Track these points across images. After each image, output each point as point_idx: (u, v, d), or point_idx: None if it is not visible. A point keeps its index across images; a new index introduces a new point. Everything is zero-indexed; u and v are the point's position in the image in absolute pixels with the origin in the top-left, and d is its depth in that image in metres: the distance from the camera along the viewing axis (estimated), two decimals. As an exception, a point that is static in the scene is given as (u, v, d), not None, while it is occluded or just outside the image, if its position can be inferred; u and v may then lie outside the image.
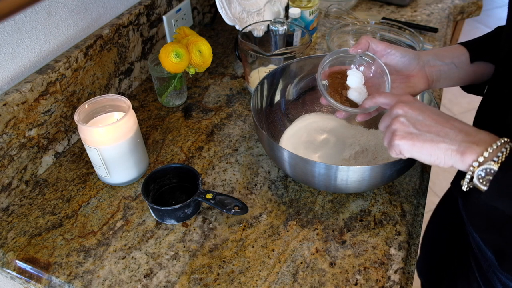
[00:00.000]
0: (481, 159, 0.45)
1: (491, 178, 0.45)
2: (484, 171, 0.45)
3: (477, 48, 0.64)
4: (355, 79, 0.64)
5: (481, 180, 0.45)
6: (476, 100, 0.63)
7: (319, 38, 1.12)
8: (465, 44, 0.65)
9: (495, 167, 0.44)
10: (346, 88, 0.64)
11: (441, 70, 0.64)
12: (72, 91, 0.78)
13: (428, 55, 0.64)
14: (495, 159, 0.44)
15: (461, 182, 0.48)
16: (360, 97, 0.63)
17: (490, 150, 0.45)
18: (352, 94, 0.64)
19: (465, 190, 0.48)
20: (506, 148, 0.45)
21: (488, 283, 0.64)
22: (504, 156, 0.44)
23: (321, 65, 0.64)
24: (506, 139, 0.45)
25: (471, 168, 0.46)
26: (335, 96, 0.64)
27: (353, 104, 0.64)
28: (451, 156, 0.47)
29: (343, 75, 0.65)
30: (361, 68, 0.66)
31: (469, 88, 0.69)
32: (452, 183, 0.69)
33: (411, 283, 0.60)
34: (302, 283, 0.59)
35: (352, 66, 0.66)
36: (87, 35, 0.81)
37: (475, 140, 0.46)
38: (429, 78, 0.64)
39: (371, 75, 0.65)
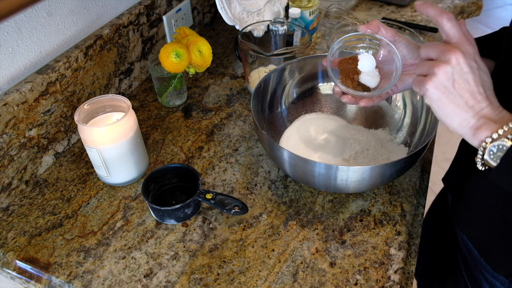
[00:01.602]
0: (495, 135, 0.45)
1: (502, 154, 0.44)
2: (496, 147, 0.45)
3: (478, 45, 0.64)
4: (367, 63, 0.62)
5: (491, 156, 0.45)
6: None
7: (319, 38, 1.12)
8: None
9: (508, 143, 0.44)
10: (358, 72, 0.63)
11: None
12: (72, 91, 0.78)
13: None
14: (510, 136, 0.44)
15: (475, 158, 0.47)
16: (373, 81, 0.62)
17: (505, 128, 0.44)
18: (364, 78, 0.62)
19: (480, 167, 0.47)
20: None
21: (474, 282, 0.65)
22: None
23: (330, 52, 0.63)
24: None
25: (483, 143, 0.46)
26: (347, 82, 0.62)
27: (366, 88, 0.63)
28: (465, 127, 0.47)
29: (354, 60, 0.63)
30: (370, 52, 0.65)
31: None
32: (443, 179, 0.69)
33: (411, 283, 0.60)
34: (302, 283, 0.59)
35: (361, 51, 0.66)
36: (87, 35, 0.81)
37: (495, 118, 0.46)
38: None
39: (379, 59, 0.64)
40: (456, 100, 0.46)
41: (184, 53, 0.79)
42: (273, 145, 0.64)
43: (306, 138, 0.78)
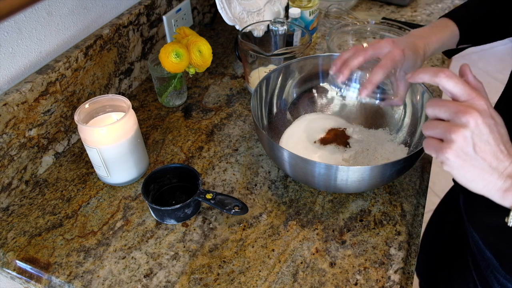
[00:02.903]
0: None
1: None
2: None
3: (466, 30, 0.67)
4: (353, 95, 0.65)
5: None
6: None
7: (319, 38, 1.12)
8: (458, 24, 0.67)
9: None
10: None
11: (434, 53, 0.67)
12: (72, 91, 0.78)
13: (433, 47, 0.65)
14: None
15: (506, 219, 0.46)
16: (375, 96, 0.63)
17: None
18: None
19: (510, 225, 0.46)
20: None
21: (485, 283, 0.64)
22: None
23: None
24: None
25: None
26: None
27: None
28: (492, 190, 0.44)
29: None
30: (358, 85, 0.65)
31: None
32: (454, 179, 0.68)
33: (411, 283, 0.60)
34: (302, 283, 0.59)
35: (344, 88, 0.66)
36: (87, 35, 0.81)
37: None
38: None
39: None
40: (479, 164, 0.43)
41: (184, 53, 0.79)
42: (273, 145, 0.64)
43: (306, 138, 0.78)
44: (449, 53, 0.75)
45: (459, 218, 0.73)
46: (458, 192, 0.80)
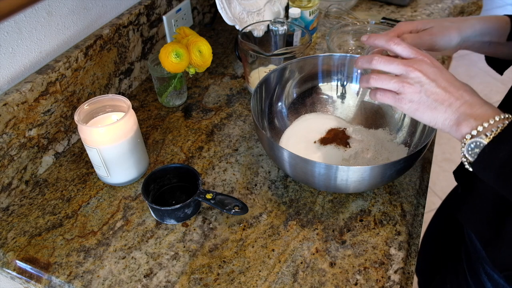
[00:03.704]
0: (474, 132, 0.47)
1: (478, 151, 0.47)
2: (474, 143, 0.47)
3: None
4: None
5: (470, 152, 0.48)
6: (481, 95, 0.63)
7: (319, 38, 1.12)
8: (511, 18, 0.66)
9: (485, 141, 0.46)
10: None
11: (474, 45, 0.66)
12: (72, 91, 0.78)
13: (472, 30, 0.65)
14: (488, 133, 0.46)
15: (460, 152, 0.50)
16: None
17: (485, 124, 0.47)
18: None
19: (463, 159, 0.50)
20: (503, 124, 0.46)
21: (474, 274, 0.66)
22: (497, 132, 0.46)
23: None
24: (506, 115, 0.47)
25: (464, 140, 0.48)
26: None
27: None
28: (448, 125, 0.50)
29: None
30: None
31: (491, 60, 0.71)
32: (454, 172, 0.73)
33: (411, 283, 0.60)
34: (302, 283, 0.59)
35: None
36: (87, 35, 0.81)
37: (476, 113, 0.48)
38: (458, 46, 0.67)
39: None
40: (432, 105, 0.51)
41: (184, 53, 0.79)
42: (273, 145, 0.64)
43: (306, 138, 0.78)
44: (500, 68, 0.71)
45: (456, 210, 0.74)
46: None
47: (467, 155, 0.48)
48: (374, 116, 0.80)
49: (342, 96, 0.83)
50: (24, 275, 0.62)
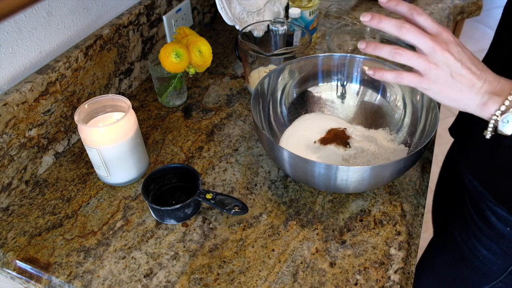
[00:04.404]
0: (503, 108, 0.49)
1: None
2: (507, 118, 0.49)
3: None
4: None
5: (505, 127, 0.50)
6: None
7: (319, 38, 1.12)
8: None
9: None
10: None
11: None
12: (72, 91, 0.78)
13: None
14: None
15: (484, 132, 0.52)
16: None
17: (510, 98, 0.49)
18: None
19: (488, 138, 0.52)
20: None
21: (479, 213, 0.72)
22: None
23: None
24: None
25: (494, 117, 0.50)
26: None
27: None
28: (472, 105, 0.51)
29: None
30: None
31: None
32: (449, 129, 0.79)
33: (411, 283, 0.60)
34: (302, 283, 0.59)
35: None
36: (87, 35, 0.81)
37: (497, 90, 0.50)
38: None
39: None
40: (457, 87, 0.51)
41: (184, 53, 0.79)
42: (273, 145, 0.64)
43: (306, 138, 0.78)
44: None
45: (457, 165, 0.82)
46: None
47: (503, 130, 0.50)
48: (374, 116, 0.80)
49: (342, 96, 0.83)
50: (24, 275, 0.62)
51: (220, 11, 0.89)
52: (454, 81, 0.50)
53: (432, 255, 0.86)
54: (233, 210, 0.64)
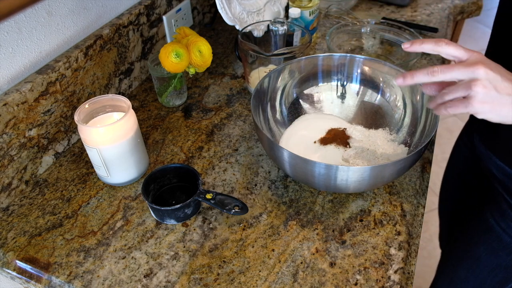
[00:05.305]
0: None
1: None
2: None
3: None
4: None
5: None
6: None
7: (319, 38, 1.12)
8: None
9: None
10: None
11: None
12: (72, 91, 0.78)
13: None
14: None
15: None
16: None
17: None
18: None
19: None
20: None
21: (501, 215, 0.71)
22: None
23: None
24: None
25: None
26: None
27: None
28: None
29: None
30: None
31: None
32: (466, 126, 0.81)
33: (411, 283, 0.60)
34: (302, 283, 0.59)
35: None
36: (87, 35, 0.81)
37: None
38: None
39: None
40: (506, 101, 0.50)
41: (184, 53, 0.79)
42: (273, 145, 0.64)
43: (306, 138, 0.78)
44: None
45: (474, 160, 0.80)
46: (469, 135, 0.86)
47: None
48: (374, 116, 0.80)
49: (342, 96, 0.83)
50: (24, 275, 0.62)
51: (220, 11, 0.89)
52: (501, 96, 0.49)
53: (467, 246, 0.83)
54: (233, 210, 0.64)
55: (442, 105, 0.53)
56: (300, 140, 0.77)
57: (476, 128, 0.81)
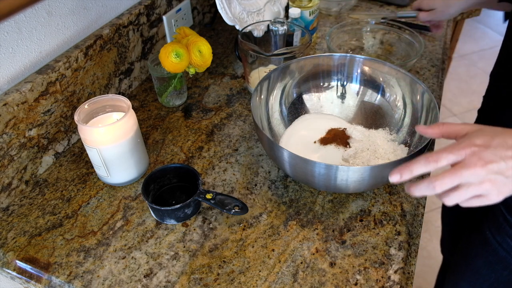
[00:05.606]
0: None
1: None
2: None
3: None
4: None
5: None
6: (476, 100, 0.64)
7: (319, 38, 1.12)
8: None
9: None
10: None
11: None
12: (72, 91, 0.78)
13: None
14: None
15: None
16: None
17: None
18: None
19: None
20: None
21: (499, 232, 0.70)
22: None
23: None
24: None
25: None
26: None
27: None
28: None
29: None
30: None
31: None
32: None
33: (411, 283, 0.60)
34: (302, 283, 0.59)
35: None
36: (87, 35, 0.81)
37: None
38: None
39: None
40: None
41: (184, 53, 0.79)
42: (273, 145, 0.64)
43: (306, 138, 0.78)
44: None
45: None
46: None
47: None
48: (374, 116, 0.80)
49: (342, 96, 0.83)
50: (24, 275, 0.62)
51: (220, 11, 0.89)
52: (508, 180, 0.47)
53: (467, 258, 0.83)
54: (233, 210, 0.64)
55: (464, 202, 0.51)
56: (300, 140, 0.77)
57: None
